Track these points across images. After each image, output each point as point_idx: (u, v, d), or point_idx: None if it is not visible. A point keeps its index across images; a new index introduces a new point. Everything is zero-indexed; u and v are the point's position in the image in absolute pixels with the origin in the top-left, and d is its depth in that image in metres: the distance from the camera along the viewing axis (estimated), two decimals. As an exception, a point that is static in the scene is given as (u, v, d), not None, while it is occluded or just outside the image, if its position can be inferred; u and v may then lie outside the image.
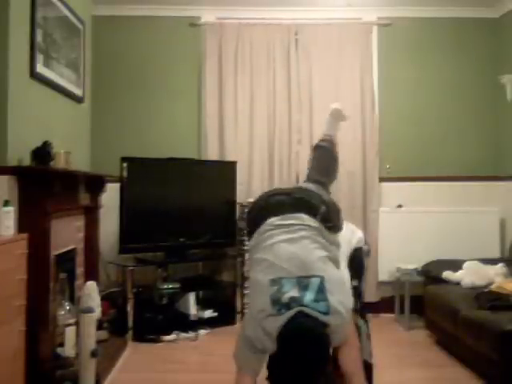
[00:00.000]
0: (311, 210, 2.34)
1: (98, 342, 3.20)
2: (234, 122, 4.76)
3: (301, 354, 1.97)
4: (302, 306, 2.01)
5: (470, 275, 3.86)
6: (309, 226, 2.28)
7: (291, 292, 2.03)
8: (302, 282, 2.07)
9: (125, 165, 4.13)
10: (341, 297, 2.12)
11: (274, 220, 2.30)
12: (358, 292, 2.84)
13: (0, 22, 2.80)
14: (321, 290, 2.06)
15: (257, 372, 2.16)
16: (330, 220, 2.39)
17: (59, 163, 3.20)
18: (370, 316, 2.82)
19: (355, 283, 2.85)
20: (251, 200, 4.45)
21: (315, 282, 2.07)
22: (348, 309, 2.15)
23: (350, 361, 2.17)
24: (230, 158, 4.72)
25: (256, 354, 2.12)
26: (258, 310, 2.08)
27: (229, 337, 4.10)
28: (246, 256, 4.50)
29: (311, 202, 2.40)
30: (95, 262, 4.03)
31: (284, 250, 2.18)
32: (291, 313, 1.99)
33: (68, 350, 3.17)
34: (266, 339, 2.06)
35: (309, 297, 2.03)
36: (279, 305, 2.02)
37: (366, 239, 3.05)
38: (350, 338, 2.18)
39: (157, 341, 4.02)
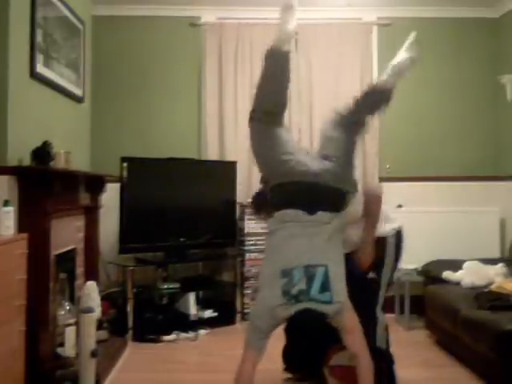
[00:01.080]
0: (332, 207, 2.47)
1: (98, 341, 3.20)
2: (234, 122, 4.77)
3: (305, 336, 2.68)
4: (309, 298, 2.31)
5: (470, 275, 3.86)
6: (324, 222, 2.44)
7: (299, 284, 2.31)
8: (309, 272, 2.33)
9: (125, 165, 4.13)
10: (342, 284, 2.41)
11: (294, 213, 2.44)
12: (377, 284, 2.87)
13: (0, 22, 2.81)
14: (326, 280, 2.33)
15: (262, 348, 2.43)
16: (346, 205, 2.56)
17: (59, 163, 3.20)
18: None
19: (373, 275, 2.89)
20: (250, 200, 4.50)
21: (321, 271, 2.34)
22: (346, 295, 2.42)
23: (353, 344, 2.45)
24: (229, 158, 4.72)
25: (263, 337, 2.42)
26: (269, 299, 2.36)
27: (229, 337, 4.14)
28: (247, 256, 4.52)
29: (334, 199, 2.49)
30: (95, 262, 4.03)
31: (296, 242, 2.41)
32: (299, 307, 2.31)
33: (68, 350, 3.17)
34: (272, 324, 2.40)
35: (315, 288, 2.31)
36: (289, 296, 2.31)
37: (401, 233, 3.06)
38: (351, 324, 2.44)
39: (157, 341, 4.02)
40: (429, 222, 4.71)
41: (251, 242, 4.56)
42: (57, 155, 3.17)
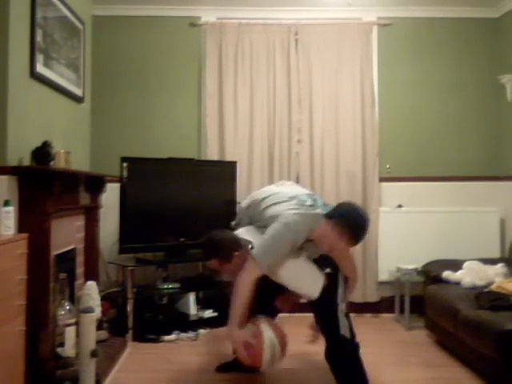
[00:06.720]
0: None
1: (98, 342, 3.20)
2: (234, 122, 4.77)
3: None
4: None
5: (470, 275, 3.86)
6: None
7: None
8: None
9: (125, 165, 4.13)
10: None
11: None
12: (335, 277, 2.96)
13: (0, 21, 2.81)
14: None
15: None
16: None
17: (59, 163, 3.20)
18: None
19: (329, 270, 2.97)
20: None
21: None
22: None
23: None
24: (229, 158, 4.72)
25: None
26: None
27: (229, 337, 4.12)
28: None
29: None
30: (95, 262, 4.03)
31: None
32: None
33: (68, 350, 3.17)
34: None
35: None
36: None
37: None
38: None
39: (157, 341, 4.02)
40: (429, 222, 4.72)
41: (251, 242, 4.56)
42: (57, 155, 3.17)
